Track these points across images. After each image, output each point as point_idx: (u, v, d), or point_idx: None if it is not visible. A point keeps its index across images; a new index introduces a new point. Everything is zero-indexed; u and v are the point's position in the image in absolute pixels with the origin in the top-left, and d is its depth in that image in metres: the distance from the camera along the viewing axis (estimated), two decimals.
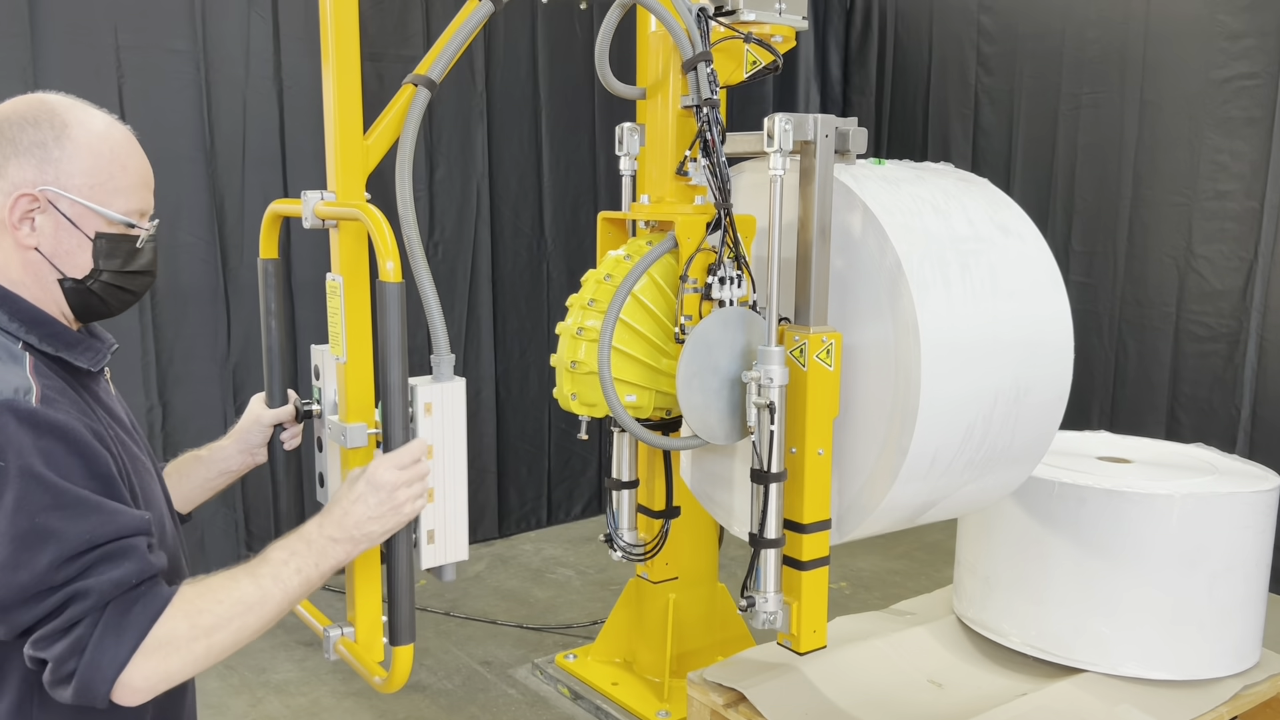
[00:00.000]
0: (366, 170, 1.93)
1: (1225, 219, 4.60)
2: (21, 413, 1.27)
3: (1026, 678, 2.73)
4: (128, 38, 4.09)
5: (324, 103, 1.90)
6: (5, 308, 1.39)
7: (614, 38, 2.66)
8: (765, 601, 2.16)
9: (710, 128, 2.25)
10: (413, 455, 1.59)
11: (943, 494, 2.34)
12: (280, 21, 4.42)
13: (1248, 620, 2.75)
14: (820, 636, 2.22)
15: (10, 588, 1.24)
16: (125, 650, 1.26)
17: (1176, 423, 4.80)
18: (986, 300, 2.27)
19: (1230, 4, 4.48)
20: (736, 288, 2.22)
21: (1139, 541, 2.65)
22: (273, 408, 1.95)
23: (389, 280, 1.62)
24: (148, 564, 1.32)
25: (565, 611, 4.52)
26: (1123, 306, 4.98)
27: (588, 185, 5.40)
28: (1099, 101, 4.98)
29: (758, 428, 2.13)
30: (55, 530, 1.25)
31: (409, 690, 3.84)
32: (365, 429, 1.82)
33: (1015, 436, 2.37)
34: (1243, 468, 2.91)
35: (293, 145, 4.51)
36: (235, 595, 1.38)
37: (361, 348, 1.85)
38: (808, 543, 2.16)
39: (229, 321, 4.45)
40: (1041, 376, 2.38)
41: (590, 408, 2.26)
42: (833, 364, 2.16)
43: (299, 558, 1.46)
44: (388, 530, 1.56)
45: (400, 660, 1.77)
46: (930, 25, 5.71)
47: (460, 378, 1.75)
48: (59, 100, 1.44)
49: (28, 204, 1.39)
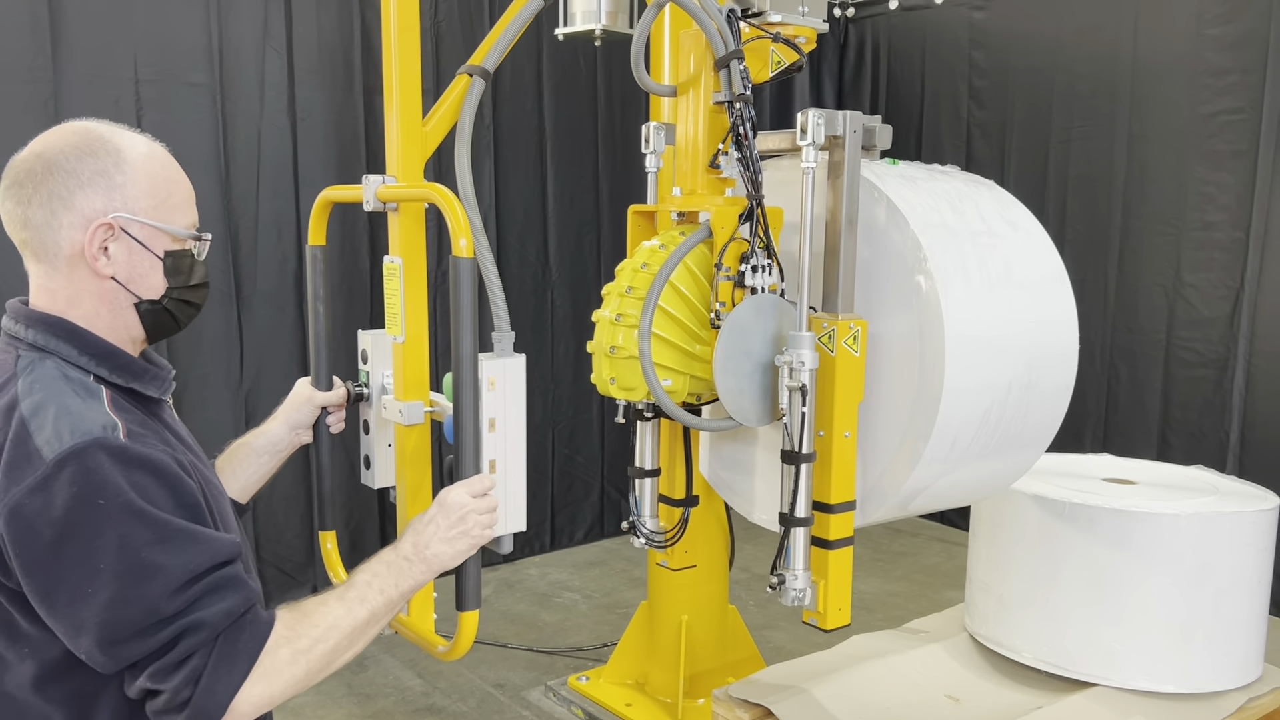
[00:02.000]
0: (425, 155, 1.99)
1: (1212, 248, 4.75)
2: (113, 449, 1.28)
3: (1040, 692, 2.82)
4: (147, 71, 4.17)
5: (385, 92, 1.95)
6: (74, 343, 1.40)
7: (611, 51, 2.78)
8: (795, 579, 2.23)
9: (743, 122, 2.34)
10: (484, 485, 1.64)
11: (958, 477, 2.44)
12: (294, 56, 4.52)
13: (1251, 635, 2.85)
14: (844, 614, 2.30)
15: (121, 623, 1.26)
16: (238, 678, 1.30)
17: (1168, 446, 4.93)
18: (1002, 290, 2.38)
19: (1215, 42, 4.65)
20: (768, 275, 2.31)
21: (1147, 559, 2.75)
22: (320, 390, 1.98)
23: (462, 256, 1.65)
24: (250, 591, 1.36)
25: (574, 634, 4.58)
26: (1114, 333, 5.12)
27: (591, 216, 5.51)
28: (1089, 135, 5.13)
29: (789, 410, 2.21)
30: (161, 564, 1.28)
31: (424, 712, 3.89)
32: (423, 406, 1.89)
33: (1027, 422, 2.48)
34: (1242, 488, 3.02)
35: (305, 177, 4.60)
36: (329, 619, 1.42)
37: (419, 328, 1.91)
38: (835, 522, 2.24)
39: (242, 349, 4.51)
40: (1051, 365, 2.50)
41: (628, 391, 2.32)
42: (859, 350, 2.26)
43: (380, 579, 1.51)
44: (459, 553, 1.60)
45: (466, 626, 1.79)
46: (923, 59, 5.86)
47: (520, 354, 1.78)
48: (99, 126, 1.44)
49: (105, 233, 1.40)
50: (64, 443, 1.27)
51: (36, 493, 1.25)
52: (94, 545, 1.25)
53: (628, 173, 5.61)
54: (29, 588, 1.28)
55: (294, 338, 4.65)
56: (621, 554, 5.53)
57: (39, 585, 1.27)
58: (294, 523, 4.69)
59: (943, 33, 5.74)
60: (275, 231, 4.55)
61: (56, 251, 1.40)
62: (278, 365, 4.60)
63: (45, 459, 1.26)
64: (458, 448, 1.69)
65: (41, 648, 1.34)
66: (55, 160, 1.39)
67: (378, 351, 2.00)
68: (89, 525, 1.25)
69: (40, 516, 1.25)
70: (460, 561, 1.63)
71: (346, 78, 4.67)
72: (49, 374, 1.36)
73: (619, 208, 5.61)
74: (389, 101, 1.95)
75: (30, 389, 1.34)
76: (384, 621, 1.51)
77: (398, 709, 3.92)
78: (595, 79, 5.45)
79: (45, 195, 1.38)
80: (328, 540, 2.13)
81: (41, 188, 1.38)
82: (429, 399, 1.93)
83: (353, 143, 4.70)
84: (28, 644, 1.35)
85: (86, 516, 1.25)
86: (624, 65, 5.51)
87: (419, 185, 1.91)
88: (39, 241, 1.40)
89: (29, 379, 1.35)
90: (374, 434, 2.02)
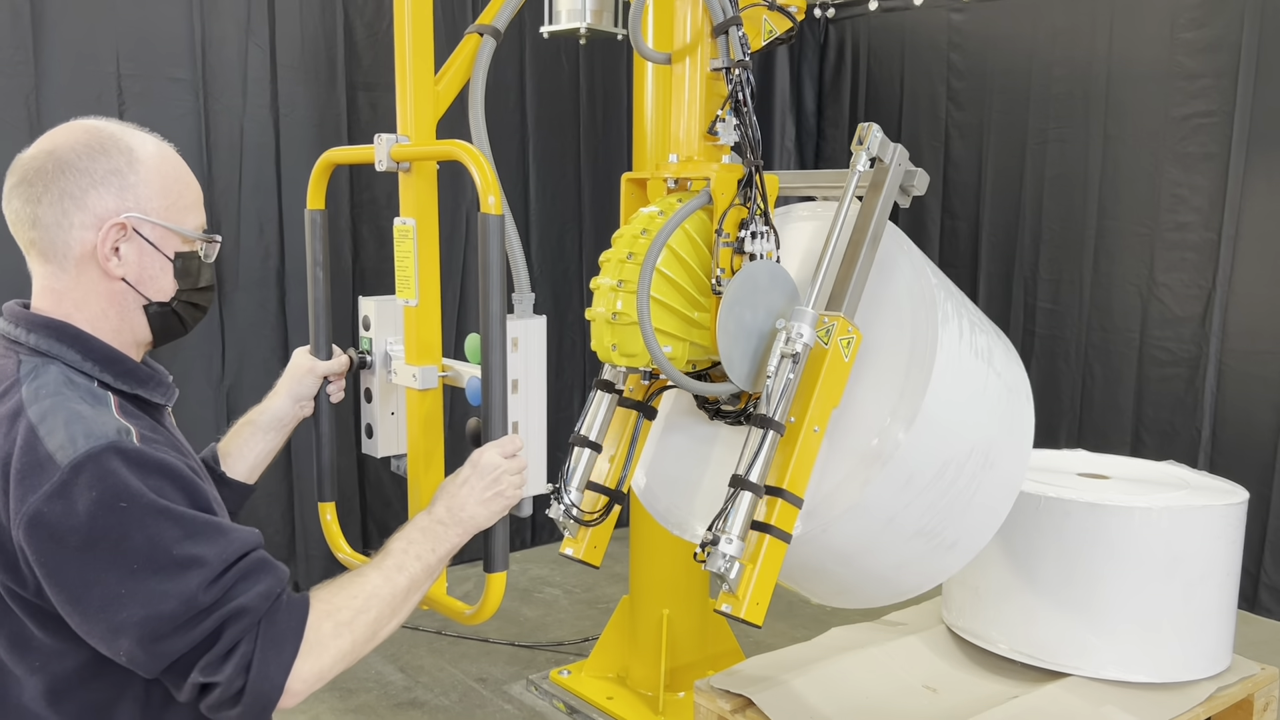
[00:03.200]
0: (437, 115, 1.97)
1: (1185, 249, 4.83)
2: (128, 454, 1.27)
3: (1015, 682, 2.87)
4: (129, 66, 4.17)
5: (396, 52, 1.93)
6: (78, 348, 1.38)
7: (594, 50, 2.78)
8: (729, 544, 2.12)
9: (742, 88, 2.37)
10: (515, 445, 1.66)
11: (888, 539, 2.37)
12: (277, 51, 4.52)
13: (1220, 626, 2.91)
14: (760, 611, 2.16)
15: (161, 619, 1.25)
16: (288, 658, 1.31)
17: (1140, 443, 5.01)
18: (983, 364, 2.41)
19: (1189, 46, 4.73)
20: (766, 242, 2.35)
21: (1120, 552, 2.80)
22: (320, 359, 1.96)
23: (491, 213, 1.63)
24: (282, 572, 1.37)
25: (555, 629, 4.61)
26: (1088, 332, 5.19)
27: (573, 213, 5.54)
28: (1065, 136, 5.20)
29: (775, 375, 2.23)
30: (195, 556, 1.27)
31: (407, 706, 3.91)
32: (436, 371, 1.86)
33: (971, 504, 2.40)
34: (1213, 483, 3.08)
35: (288, 172, 4.60)
36: (367, 589, 1.43)
37: (432, 291, 1.88)
38: (781, 509, 2.18)
39: (224, 344, 4.51)
40: (1006, 462, 2.47)
41: (630, 358, 2.31)
42: (849, 356, 2.29)
43: (416, 545, 1.52)
44: (493, 514, 1.61)
45: (493, 587, 1.76)
46: (902, 61, 5.92)
47: (541, 315, 1.77)
48: (109, 124, 1.42)
49: (117, 233, 1.38)
50: (78, 448, 1.25)
51: (55, 499, 1.23)
52: (123, 548, 1.24)
53: (609, 171, 5.64)
54: (56, 595, 1.26)
55: (276, 333, 4.65)
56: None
57: (68, 592, 1.25)
58: (276, 502, 4.70)
59: (922, 34, 5.80)
60: (257, 227, 4.56)
61: (66, 252, 1.38)
62: (259, 361, 4.60)
63: (60, 464, 1.24)
64: (486, 410, 1.66)
65: (54, 660, 1.33)
66: (67, 158, 1.37)
67: (382, 318, 1.98)
68: (116, 529, 1.24)
69: (63, 523, 1.23)
70: (494, 522, 1.64)
71: (329, 73, 4.68)
72: (54, 380, 1.34)
73: (601, 206, 5.64)
74: (400, 60, 1.93)
75: (36, 395, 1.31)
76: (424, 589, 1.51)
77: (380, 703, 3.93)
78: (578, 77, 5.48)
79: (57, 194, 1.36)
80: (327, 511, 2.12)
81: (53, 186, 1.36)
82: (442, 363, 1.91)
83: (335, 138, 4.70)
84: (39, 657, 1.33)
85: (112, 520, 1.24)
86: (607, 63, 5.58)
87: (439, 143, 1.87)
88: (48, 241, 1.38)
89: (33, 385, 1.33)
90: (377, 402, 2.00)
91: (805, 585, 2.65)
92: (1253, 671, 2.94)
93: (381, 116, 4.86)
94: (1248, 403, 4.69)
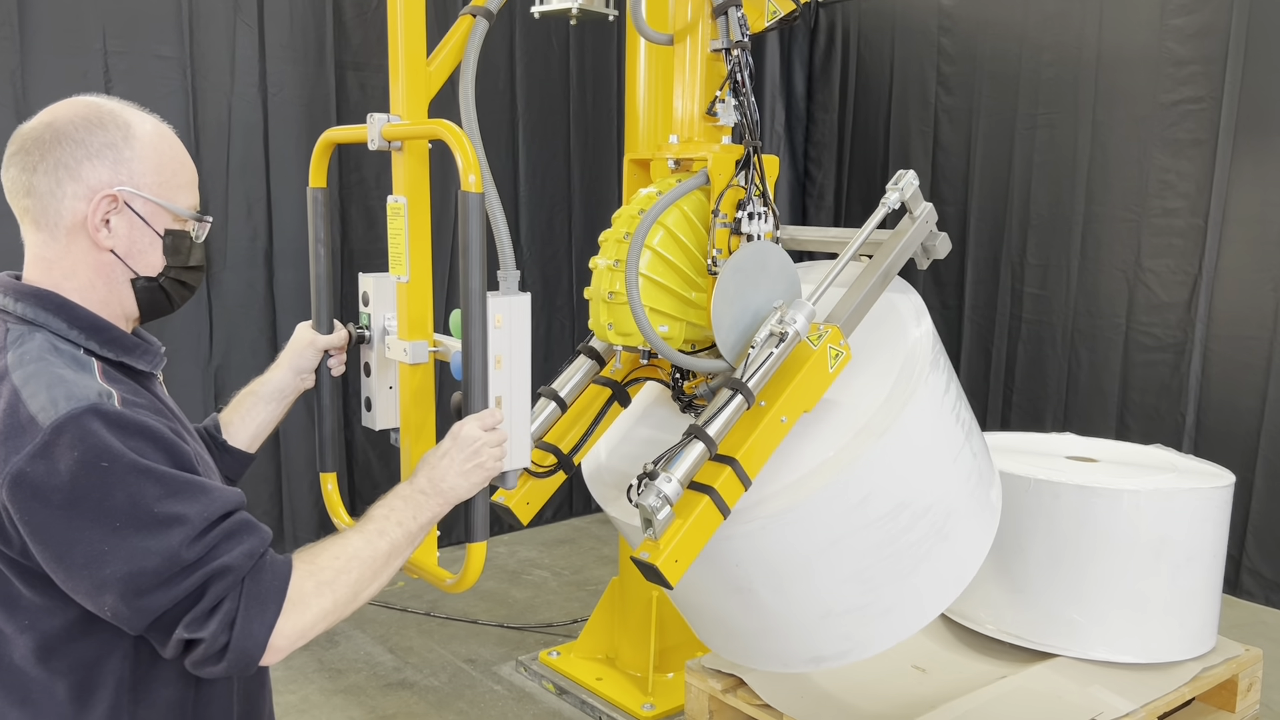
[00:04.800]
0: (430, 95, 2.00)
1: (1172, 235, 4.86)
2: (108, 415, 1.29)
3: (1004, 662, 2.90)
4: (116, 43, 4.13)
5: (390, 33, 1.96)
6: (64, 316, 1.41)
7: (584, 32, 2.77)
8: (668, 483, 2.06)
9: (741, 69, 2.37)
10: (495, 419, 1.69)
11: (832, 563, 2.28)
12: (265, 30, 4.49)
13: (1206, 608, 2.95)
14: (677, 571, 2.09)
15: (144, 574, 1.28)
16: (271, 615, 1.33)
17: (1126, 428, 5.04)
18: (963, 439, 2.40)
19: (1177, 32, 4.74)
20: (764, 223, 2.35)
21: (1108, 534, 2.83)
22: (321, 333, 1.99)
23: (471, 191, 1.66)
24: (264, 533, 1.39)
25: (544, 611, 4.62)
26: (1075, 317, 5.22)
27: (562, 196, 5.52)
28: (1054, 122, 5.22)
29: (759, 346, 2.21)
30: (177, 514, 1.30)
31: (396, 687, 3.91)
32: (427, 346, 1.91)
33: (915, 572, 2.32)
34: (1199, 466, 3.12)
35: (276, 151, 4.57)
36: (349, 551, 1.46)
37: (423, 268, 1.92)
38: (728, 478, 2.14)
39: (211, 324, 4.49)
40: (961, 544, 2.40)
41: (626, 337, 2.32)
42: (834, 368, 2.29)
43: (398, 512, 1.54)
44: (473, 485, 1.64)
45: (474, 557, 1.80)
46: (892, 46, 5.92)
47: (525, 293, 1.79)
48: (110, 101, 1.45)
49: (108, 205, 1.41)
50: (59, 409, 1.28)
51: (37, 459, 1.26)
52: (105, 506, 1.27)
53: (599, 153, 5.63)
54: (42, 553, 1.29)
55: (264, 314, 4.63)
56: (591, 532, 5.58)
57: (52, 550, 1.28)
58: (264, 483, 4.70)
59: (912, 18, 5.80)
60: (245, 207, 4.53)
61: (58, 220, 1.41)
62: (247, 340, 4.59)
63: (41, 425, 1.27)
64: (466, 384, 1.70)
65: (42, 618, 1.36)
66: (64, 130, 1.40)
67: (380, 294, 2.02)
68: (98, 488, 1.27)
69: (46, 482, 1.26)
70: (474, 493, 1.67)
71: (318, 52, 4.65)
72: (39, 346, 1.37)
73: (590, 188, 5.63)
74: (393, 41, 1.96)
75: (21, 360, 1.34)
76: (405, 555, 1.54)
77: (369, 684, 3.94)
78: (568, 59, 5.45)
79: (52, 164, 1.39)
80: (328, 481, 2.15)
81: (49, 156, 1.40)
82: (433, 339, 1.95)
83: (324, 118, 4.67)
84: (28, 615, 1.36)
85: (94, 479, 1.26)
86: (597, 46, 5.56)
87: (426, 122, 1.91)
88: (41, 209, 1.41)
89: (19, 351, 1.36)
90: (375, 376, 2.04)
91: (710, 613, 2.48)
92: (1237, 652, 2.98)
93: (370, 96, 4.83)
94: (1232, 388, 4.73)
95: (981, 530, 2.48)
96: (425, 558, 2.00)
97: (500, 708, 3.79)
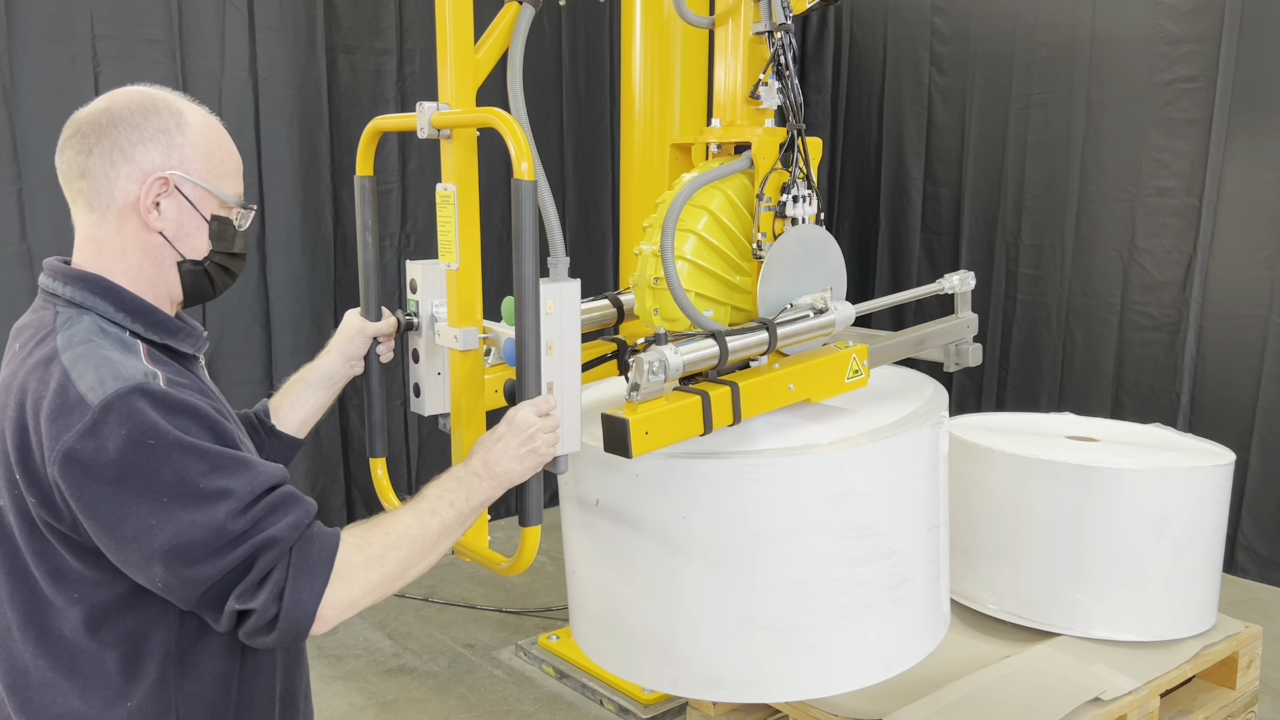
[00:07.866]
0: (477, 82, 2.00)
1: (1167, 214, 4.86)
2: (154, 395, 1.34)
3: (1006, 642, 2.91)
4: (104, 27, 4.08)
5: (438, 21, 1.97)
6: (110, 299, 1.46)
7: (575, 14, 2.76)
8: (675, 354, 1.99)
9: (784, 51, 2.36)
10: (549, 404, 1.72)
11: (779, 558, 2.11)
12: (255, 13, 4.44)
13: (1207, 586, 2.96)
14: (646, 445, 1.94)
15: (191, 545, 1.32)
16: (320, 586, 1.38)
17: (1121, 408, 5.06)
18: (941, 524, 2.36)
19: (1172, 11, 4.73)
20: (809, 206, 2.35)
21: (1109, 513, 2.83)
22: (370, 320, 2.03)
23: (524, 179, 1.68)
24: (310, 504, 1.43)
25: (542, 595, 4.62)
26: (1070, 297, 5.22)
27: (555, 180, 5.49)
28: (1048, 101, 5.21)
29: (795, 306, 2.27)
30: (222, 489, 1.34)
31: (396, 672, 3.91)
32: (477, 332, 1.93)
33: (854, 616, 2.13)
34: (1199, 445, 3.12)
35: (267, 135, 4.54)
36: (399, 528, 1.49)
37: (472, 254, 1.93)
38: (721, 393, 2.07)
39: (204, 310, 4.45)
40: (904, 623, 2.24)
41: (671, 322, 2.32)
42: (850, 380, 2.34)
43: (450, 493, 1.57)
44: (526, 469, 1.67)
45: (528, 541, 1.82)
46: (885, 26, 5.90)
47: (575, 279, 1.81)
48: (164, 91, 1.52)
49: (159, 188, 1.47)
50: (107, 389, 1.32)
51: (87, 437, 1.31)
52: (152, 482, 1.32)
53: (591, 136, 5.60)
54: (93, 527, 1.34)
55: (257, 300, 4.60)
56: None
57: (103, 524, 1.33)
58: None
59: None
60: None
61: (110, 201, 1.47)
62: (240, 327, 4.56)
63: (90, 405, 1.32)
64: (520, 370, 1.73)
65: (91, 590, 1.40)
66: (120, 114, 1.46)
67: (428, 281, 2.04)
68: (145, 464, 1.32)
69: (96, 459, 1.31)
70: (527, 478, 1.70)
71: (309, 36, 4.60)
72: (86, 328, 1.42)
73: (583, 172, 5.60)
74: (441, 29, 1.96)
75: (69, 342, 1.40)
76: (455, 536, 1.57)
77: (369, 669, 3.93)
78: (560, 42, 5.42)
79: (107, 146, 1.45)
80: (378, 467, 2.17)
81: (104, 139, 1.45)
82: (483, 325, 1.97)
83: (315, 102, 4.63)
84: (78, 588, 1.40)
85: (141, 457, 1.31)
86: (589, 28, 5.52)
87: (476, 110, 1.91)
88: (94, 190, 1.46)
89: (67, 333, 1.41)
90: (424, 362, 2.06)
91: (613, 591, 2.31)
92: (1237, 630, 2.99)
93: (362, 80, 4.79)
94: (1227, 367, 4.74)
95: (926, 627, 2.31)
96: (477, 540, 2.01)
97: (500, 692, 3.79)
